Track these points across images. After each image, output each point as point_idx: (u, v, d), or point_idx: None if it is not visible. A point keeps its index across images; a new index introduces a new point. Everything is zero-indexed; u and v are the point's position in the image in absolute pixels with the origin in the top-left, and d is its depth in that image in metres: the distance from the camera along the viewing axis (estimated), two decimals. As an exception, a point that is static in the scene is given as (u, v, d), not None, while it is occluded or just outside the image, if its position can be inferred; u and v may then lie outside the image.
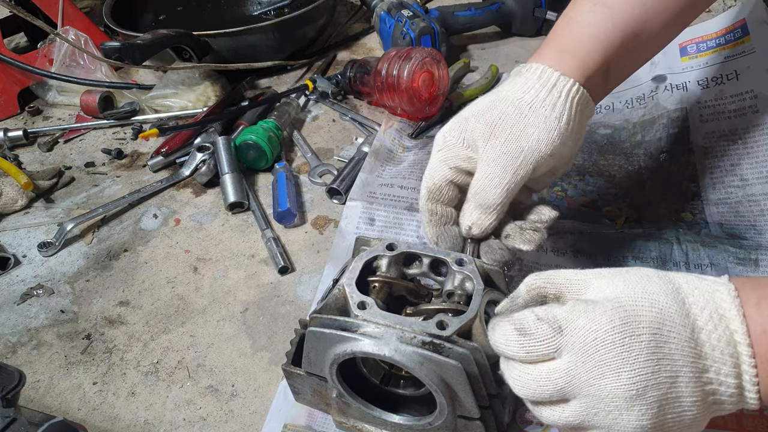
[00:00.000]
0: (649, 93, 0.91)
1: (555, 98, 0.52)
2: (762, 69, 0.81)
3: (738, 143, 0.79)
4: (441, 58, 0.93)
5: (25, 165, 0.99)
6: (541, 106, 0.52)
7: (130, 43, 0.96)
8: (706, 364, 0.38)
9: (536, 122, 0.52)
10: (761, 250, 0.67)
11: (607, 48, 0.54)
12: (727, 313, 0.38)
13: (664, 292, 0.39)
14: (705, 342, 0.38)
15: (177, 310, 0.73)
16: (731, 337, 0.38)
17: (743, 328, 0.37)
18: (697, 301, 0.39)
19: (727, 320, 0.38)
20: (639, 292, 0.40)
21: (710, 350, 0.38)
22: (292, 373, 0.54)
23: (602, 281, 0.41)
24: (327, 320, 0.49)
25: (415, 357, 0.45)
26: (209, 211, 0.87)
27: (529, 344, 0.41)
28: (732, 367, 0.37)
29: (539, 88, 0.53)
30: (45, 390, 0.65)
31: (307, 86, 1.05)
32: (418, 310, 0.51)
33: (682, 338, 0.38)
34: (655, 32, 0.57)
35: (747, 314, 0.38)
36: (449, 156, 0.54)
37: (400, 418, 0.53)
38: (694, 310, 0.39)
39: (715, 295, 0.39)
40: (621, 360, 0.38)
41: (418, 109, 0.93)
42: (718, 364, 0.38)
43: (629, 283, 0.40)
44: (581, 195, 0.80)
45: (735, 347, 0.37)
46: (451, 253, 0.53)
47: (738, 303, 0.38)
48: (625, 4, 0.55)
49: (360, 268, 0.52)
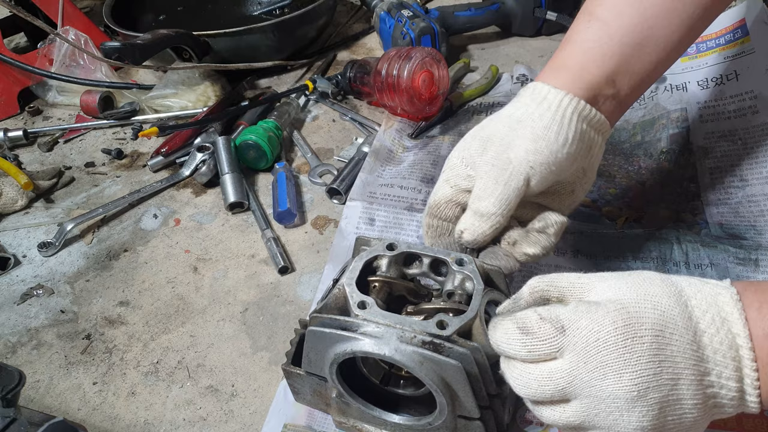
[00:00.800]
0: (649, 94, 0.91)
1: (544, 110, 0.53)
2: (762, 69, 0.81)
3: (738, 144, 0.79)
4: (441, 58, 0.93)
5: (25, 165, 0.99)
6: (530, 119, 0.53)
7: (130, 43, 0.96)
8: (708, 368, 0.38)
9: (524, 134, 0.52)
10: (761, 250, 0.67)
11: (605, 60, 0.55)
12: (729, 316, 0.38)
13: (667, 294, 0.40)
14: (707, 345, 0.38)
15: (177, 310, 0.73)
16: (733, 341, 0.38)
17: (745, 332, 0.37)
18: (699, 305, 0.39)
19: (729, 324, 0.38)
20: (642, 295, 0.40)
21: (712, 353, 0.38)
22: (292, 372, 0.54)
23: (605, 284, 0.42)
24: (327, 320, 0.49)
25: (415, 356, 0.45)
26: (209, 211, 0.87)
27: (531, 343, 0.40)
28: (733, 370, 0.38)
29: (529, 102, 0.54)
30: (45, 390, 0.65)
31: (307, 86, 1.05)
32: (418, 310, 0.51)
33: (684, 341, 0.38)
34: (663, 40, 0.56)
35: (749, 318, 0.38)
36: (451, 176, 0.56)
37: (400, 418, 0.52)
38: (696, 314, 0.39)
39: (718, 299, 0.39)
40: (623, 361, 0.38)
41: (419, 109, 0.93)
42: (720, 368, 0.38)
43: (632, 285, 0.41)
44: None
45: (737, 351, 0.38)
46: (451, 253, 0.53)
47: (740, 307, 0.38)
48: (620, 16, 0.55)
49: (360, 267, 0.52)
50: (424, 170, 0.85)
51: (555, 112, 0.52)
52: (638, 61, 0.56)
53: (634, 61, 0.56)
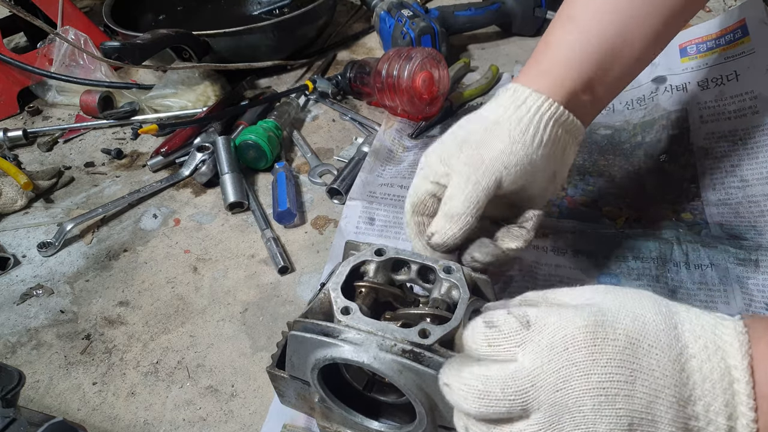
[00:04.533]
0: (649, 94, 0.91)
1: (523, 113, 0.53)
2: (762, 69, 0.81)
3: (738, 144, 0.79)
4: (441, 59, 0.93)
5: (24, 165, 0.99)
6: (507, 121, 0.53)
7: (130, 43, 0.96)
8: (694, 395, 0.34)
9: (501, 136, 0.53)
10: (761, 250, 0.67)
11: (583, 65, 0.55)
12: (727, 346, 0.34)
13: (654, 311, 0.36)
14: (695, 370, 0.34)
15: (177, 310, 0.73)
16: (727, 371, 0.34)
17: (744, 364, 0.33)
18: (693, 329, 0.35)
19: (725, 352, 0.34)
20: (623, 304, 0.37)
21: (700, 381, 0.34)
22: (277, 375, 0.54)
23: (590, 294, 0.39)
24: (309, 324, 0.48)
25: (394, 365, 0.44)
26: (209, 211, 0.87)
27: (492, 336, 0.37)
28: (723, 404, 0.33)
29: (508, 105, 0.54)
30: (45, 390, 0.65)
31: (307, 86, 1.05)
32: (396, 315, 0.50)
33: (666, 357, 0.34)
34: (638, 45, 0.57)
35: (756, 352, 0.33)
36: (429, 172, 0.56)
37: (380, 426, 0.52)
38: (686, 336, 0.35)
39: (717, 328, 0.35)
40: (591, 361, 0.34)
41: (419, 109, 0.93)
42: (708, 398, 0.34)
43: (619, 296, 0.38)
44: (581, 195, 0.80)
45: (730, 384, 0.33)
46: (439, 260, 0.52)
47: (744, 339, 0.34)
48: (599, 22, 0.56)
49: (347, 272, 0.51)
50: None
51: (533, 116, 0.53)
52: (615, 66, 0.57)
53: (611, 67, 0.56)
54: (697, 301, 0.64)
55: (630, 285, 0.67)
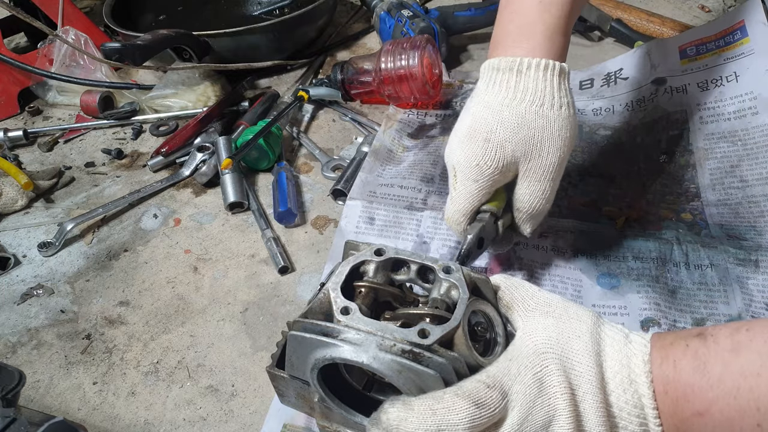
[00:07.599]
0: (649, 96, 0.91)
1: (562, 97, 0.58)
2: (761, 70, 0.81)
3: (738, 145, 0.79)
4: (430, 39, 0.96)
5: (25, 165, 0.99)
6: (558, 112, 0.58)
7: (130, 44, 0.96)
8: (615, 422, 0.43)
9: (559, 131, 0.58)
10: (761, 251, 0.67)
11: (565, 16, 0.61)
12: (638, 378, 0.43)
13: (587, 353, 0.44)
14: (614, 404, 0.43)
15: (177, 310, 0.73)
16: (639, 401, 0.42)
17: (650, 392, 0.42)
18: (612, 366, 0.44)
19: (637, 385, 0.42)
20: (566, 350, 0.44)
21: (618, 411, 0.43)
22: (277, 375, 0.53)
23: (545, 322, 0.46)
24: (309, 324, 0.48)
25: (393, 365, 0.44)
26: (209, 211, 0.87)
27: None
28: (638, 425, 0.42)
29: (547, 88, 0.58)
30: (45, 390, 0.65)
31: (303, 98, 1.02)
32: (395, 315, 0.50)
33: (597, 400, 0.43)
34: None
35: (654, 375, 0.42)
36: (485, 185, 0.60)
37: None
38: (608, 375, 0.43)
39: (631, 360, 0.43)
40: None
41: (429, 94, 0.95)
42: (625, 422, 0.43)
43: (561, 339, 0.45)
44: (581, 195, 0.80)
45: (642, 409, 0.42)
46: (438, 260, 0.52)
47: (647, 369, 0.42)
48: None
49: (346, 272, 0.51)
50: (425, 170, 0.85)
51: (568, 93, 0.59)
52: (578, 8, 0.63)
53: (575, 9, 0.62)
54: (697, 302, 0.64)
55: (630, 285, 0.67)
